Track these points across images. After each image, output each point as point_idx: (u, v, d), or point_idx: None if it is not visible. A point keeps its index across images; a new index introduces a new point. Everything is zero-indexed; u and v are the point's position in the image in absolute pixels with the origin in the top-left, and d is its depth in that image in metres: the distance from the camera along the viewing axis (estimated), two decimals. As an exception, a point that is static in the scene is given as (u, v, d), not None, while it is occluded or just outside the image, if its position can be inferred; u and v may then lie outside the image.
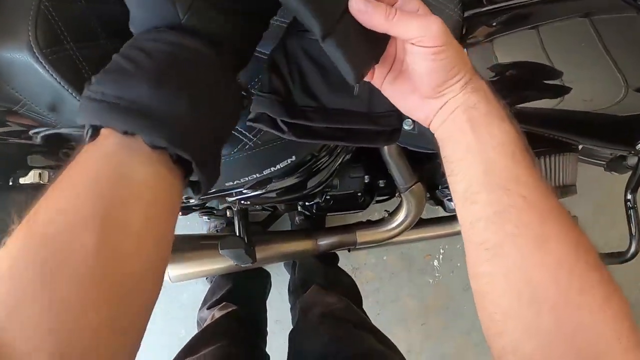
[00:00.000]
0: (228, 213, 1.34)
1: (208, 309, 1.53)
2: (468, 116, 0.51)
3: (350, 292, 1.47)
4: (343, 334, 1.08)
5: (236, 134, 0.74)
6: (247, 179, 0.82)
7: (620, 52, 0.75)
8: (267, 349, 1.41)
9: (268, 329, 1.59)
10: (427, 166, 1.17)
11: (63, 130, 0.71)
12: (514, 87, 0.83)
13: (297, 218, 1.77)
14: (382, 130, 0.68)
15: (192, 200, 1.08)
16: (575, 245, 0.45)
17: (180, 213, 1.21)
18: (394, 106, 0.65)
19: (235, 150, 0.75)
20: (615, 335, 0.42)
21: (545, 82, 0.80)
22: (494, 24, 0.83)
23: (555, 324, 0.43)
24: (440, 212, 1.31)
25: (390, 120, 0.66)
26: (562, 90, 0.78)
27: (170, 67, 0.44)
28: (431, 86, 0.52)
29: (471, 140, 0.51)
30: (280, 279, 1.91)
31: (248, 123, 0.67)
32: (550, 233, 0.46)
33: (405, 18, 0.48)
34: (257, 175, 0.82)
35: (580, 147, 1.43)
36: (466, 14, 0.81)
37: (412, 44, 0.49)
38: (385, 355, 1.00)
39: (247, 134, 0.74)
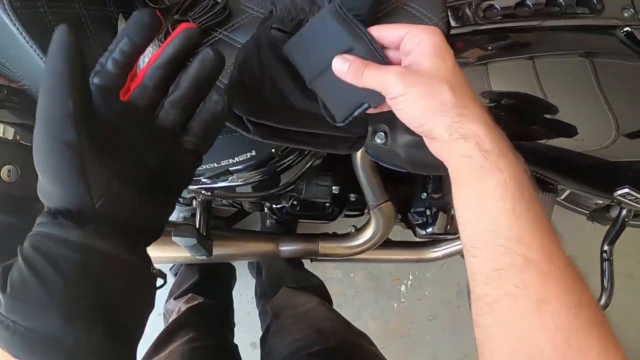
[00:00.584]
0: (194, 203, 1.30)
1: (175, 299, 1.52)
2: (462, 167, 0.50)
3: (320, 292, 1.46)
4: (315, 331, 1.05)
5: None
6: (204, 167, 0.78)
7: (616, 97, 0.73)
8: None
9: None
10: (402, 187, 1.14)
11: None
12: (509, 118, 0.80)
13: (268, 221, 1.74)
14: (345, 137, 0.65)
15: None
16: (576, 304, 0.45)
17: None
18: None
19: (192, 135, 0.71)
20: None
21: (543, 116, 0.77)
22: (489, 47, 0.80)
23: None
24: (413, 237, 1.27)
25: (353, 126, 0.63)
26: (563, 128, 0.75)
27: (82, 286, 0.42)
28: (416, 131, 0.54)
29: (469, 194, 0.50)
30: (241, 280, 1.87)
31: None
32: (551, 295, 0.45)
33: (369, 73, 0.54)
34: (215, 164, 0.78)
35: (566, 192, 1.40)
36: (460, 30, 0.78)
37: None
38: (360, 346, 0.99)
39: (205, 118, 0.70)
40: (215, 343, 1.22)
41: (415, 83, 0.51)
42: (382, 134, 0.81)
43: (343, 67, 0.55)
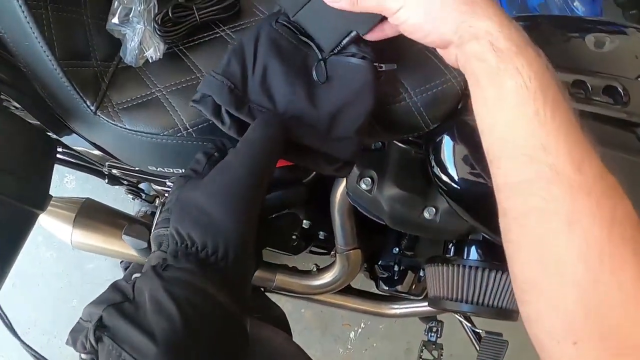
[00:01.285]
0: (156, 202, 1.23)
1: None
2: (477, 69, 0.47)
3: (282, 323, 1.38)
4: None
5: (171, 113, 0.64)
6: (171, 170, 0.72)
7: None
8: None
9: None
10: (375, 236, 1.08)
11: None
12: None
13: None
14: (333, 158, 0.60)
15: (114, 171, 0.96)
16: (609, 220, 0.41)
17: (105, 180, 1.11)
18: (354, 133, 0.59)
19: (165, 133, 0.64)
20: None
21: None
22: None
23: (580, 301, 0.41)
24: (374, 287, 1.21)
25: (345, 147, 0.59)
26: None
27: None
28: (427, 43, 0.52)
29: (487, 98, 0.46)
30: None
31: (191, 104, 0.59)
32: (581, 210, 0.42)
33: None
34: (182, 170, 0.71)
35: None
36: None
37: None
38: None
39: (182, 118, 0.64)
40: None
41: None
42: (369, 179, 0.75)
43: None
